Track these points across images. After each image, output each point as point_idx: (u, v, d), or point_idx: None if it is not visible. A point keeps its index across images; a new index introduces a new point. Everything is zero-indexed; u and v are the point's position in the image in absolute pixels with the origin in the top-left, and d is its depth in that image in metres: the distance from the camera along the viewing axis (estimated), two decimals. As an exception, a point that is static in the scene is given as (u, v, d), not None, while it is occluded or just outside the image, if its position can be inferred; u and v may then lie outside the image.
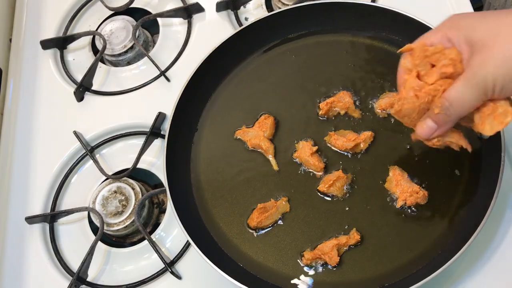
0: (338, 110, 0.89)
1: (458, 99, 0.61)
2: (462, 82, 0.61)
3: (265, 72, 0.96)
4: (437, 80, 0.65)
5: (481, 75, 0.58)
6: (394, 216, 0.81)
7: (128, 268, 0.91)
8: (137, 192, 0.94)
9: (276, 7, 1.08)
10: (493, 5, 1.31)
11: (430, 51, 0.64)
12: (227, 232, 0.84)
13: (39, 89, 1.10)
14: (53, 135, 1.04)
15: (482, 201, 0.77)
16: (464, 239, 0.73)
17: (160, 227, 0.93)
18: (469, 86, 0.60)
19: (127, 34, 1.10)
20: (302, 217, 0.83)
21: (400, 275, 0.77)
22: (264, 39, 0.97)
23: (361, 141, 0.85)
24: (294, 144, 0.88)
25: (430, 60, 0.65)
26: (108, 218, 0.92)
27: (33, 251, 0.94)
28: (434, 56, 0.64)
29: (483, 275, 0.80)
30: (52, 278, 0.91)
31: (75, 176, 1.01)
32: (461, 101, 0.61)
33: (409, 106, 0.68)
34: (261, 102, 0.93)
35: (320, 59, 0.95)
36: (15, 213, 0.98)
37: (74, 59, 1.14)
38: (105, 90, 1.08)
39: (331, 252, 0.78)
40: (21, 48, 1.15)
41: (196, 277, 0.88)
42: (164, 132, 0.97)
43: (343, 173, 0.84)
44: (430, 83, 0.65)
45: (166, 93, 1.04)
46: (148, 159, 0.99)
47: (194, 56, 1.01)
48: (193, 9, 1.11)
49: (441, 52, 0.64)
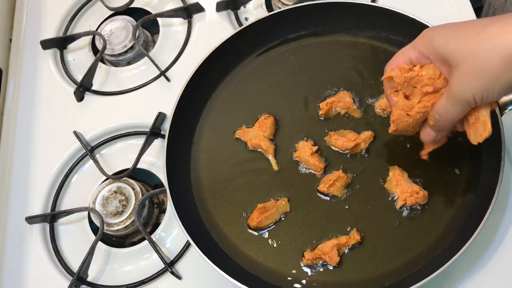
0: (338, 110, 0.89)
1: (445, 113, 0.67)
2: (446, 98, 0.66)
3: (265, 72, 0.96)
4: (422, 98, 0.69)
5: (460, 92, 0.63)
6: (394, 216, 0.81)
7: (128, 268, 0.91)
8: (137, 192, 0.94)
9: (276, 7, 1.08)
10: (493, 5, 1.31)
11: (408, 76, 0.69)
12: (227, 232, 0.84)
13: (39, 89, 1.10)
14: (53, 135, 1.04)
15: (482, 201, 0.77)
16: (464, 239, 0.73)
17: (160, 227, 0.93)
18: (451, 102, 0.65)
19: (127, 34, 1.10)
20: (302, 217, 0.83)
21: (400, 275, 0.77)
22: (264, 39, 0.97)
23: (361, 141, 0.85)
24: (294, 144, 0.88)
25: (410, 84, 0.69)
26: (108, 218, 0.92)
27: (33, 251, 0.94)
28: (413, 80, 0.69)
29: (483, 275, 0.80)
30: (52, 278, 0.91)
31: (75, 176, 1.01)
32: (447, 114, 0.67)
33: (403, 124, 0.73)
34: (261, 102, 0.93)
35: (320, 59, 0.95)
36: (15, 213, 0.98)
37: (74, 59, 1.14)
38: (105, 90, 1.08)
39: (331, 252, 0.78)
40: (21, 48, 1.15)
41: (196, 277, 0.88)
42: (164, 132, 0.97)
43: (343, 173, 0.84)
44: (417, 102, 0.70)
45: (166, 93, 1.04)
46: (148, 159, 0.99)
47: (194, 56, 1.01)
48: (193, 9, 1.11)
49: (418, 75, 0.68)
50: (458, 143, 0.84)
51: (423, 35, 0.68)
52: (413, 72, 0.68)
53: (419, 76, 0.68)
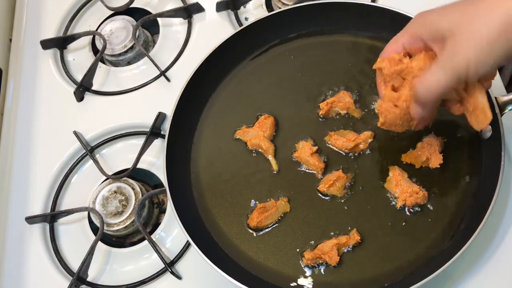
0: (338, 110, 0.89)
1: (433, 82, 0.64)
2: (437, 66, 0.63)
3: (265, 72, 0.96)
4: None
5: (454, 58, 0.61)
6: (394, 216, 0.81)
7: (128, 268, 0.91)
8: (137, 192, 0.94)
9: (276, 7, 1.08)
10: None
11: (397, 69, 0.68)
12: (227, 232, 0.84)
13: (39, 89, 1.10)
14: (53, 135, 1.04)
15: (482, 201, 0.77)
16: (464, 239, 0.73)
17: (160, 227, 0.93)
18: (443, 69, 0.63)
19: (127, 34, 1.10)
20: (302, 217, 0.83)
21: (400, 275, 0.77)
22: (264, 39, 0.97)
23: (361, 141, 0.85)
24: (294, 144, 0.88)
25: (400, 75, 0.69)
26: (108, 218, 0.92)
27: (33, 251, 0.94)
28: (403, 72, 0.68)
29: (483, 275, 0.80)
30: (52, 278, 0.91)
31: (75, 176, 1.01)
32: (436, 83, 0.64)
33: (391, 116, 0.72)
34: (261, 102, 0.93)
35: (320, 59, 0.95)
36: (15, 213, 0.98)
37: (74, 59, 1.14)
38: (105, 90, 1.08)
39: (331, 251, 0.78)
40: (21, 48, 1.15)
41: (196, 277, 0.88)
42: (164, 132, 0.97)
43: (343, 173, 0.84)
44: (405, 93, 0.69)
45: (166, 93, 1.04)
46: (148, 159, 0.99)
47: (194, 56, 1.01)
48: (193, 9, 1.11)
49: (408, 67, 0.67)
50: (458, 143, 0.84)
51: (415, 19, 0.68)
52: (403, 64, 0.68)
53: (408, 68, 0.67)
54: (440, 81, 0.63)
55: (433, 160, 0.81)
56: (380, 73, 0.72)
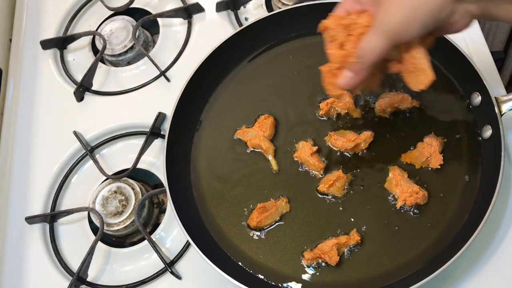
0: (338, 110, 0.89)
1: (369, 47, 0.66)
2: (371, 32, 0.66)
3: (265, 72, 0.96)
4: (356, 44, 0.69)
5: (385, 22, 0.64)
6: (394, 216, 0.81)
7: (128, 268, 0.91)
8: (137, 192, 0.94)
9: (276, 7, 1.08)
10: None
11: (344, 23, 0.70)
12: (227, 232, 0.84)
13: (39, 89, 1.10)
14: (53, 135, 1.04)
15: (482, 201, 0.77)
16: (464, 239, 0.73)
17: (160, 227, 0.93)
18: (377, 34, 0.65)
19: (127, 34, 1.10)
20: (302, 217, 0.83)
21: (400, 275, 0.77)
22: (264, 39, 0.97)
23: (361, 141, 0.85)
24: (294, 144, 0.88)
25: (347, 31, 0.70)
26: (108, 218, 0.92)
27: (33, 251, 0.94)
28: (349, 28, 0.69)
29: (483, 275, 0.80)
30: (52, 278, 0.91)
31: (75, 176, 1.01)
32: (371, 48, 0.66)
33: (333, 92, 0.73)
34: (261, 102, 0.93)
35: (320, 59, 0.94)
36: (15, 213, 0.98)
37: (74, 59, 1.14)
38: (105, 90, 1.08)
39: (331, 251, 0.78)
40: (21, 48, 1.15)
41: (196, 277, 0.88)
42: (164, 132, 0.97)
43: (343, 173, 0.84)
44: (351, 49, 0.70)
45: (166, 93, 1.04)
46: (148, 159, 0.99)
47: (194, 56, 1.01)
48: (193, 9, 1.11)
49: (354, 22, 0.69)
50: (458, 143, 0.84)
51: None
52: (349, 19, 0.69)
53: (354, 23, 0.68)
54: (373, 43, 0.66)
55: (433, 160, 0.82)
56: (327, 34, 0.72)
